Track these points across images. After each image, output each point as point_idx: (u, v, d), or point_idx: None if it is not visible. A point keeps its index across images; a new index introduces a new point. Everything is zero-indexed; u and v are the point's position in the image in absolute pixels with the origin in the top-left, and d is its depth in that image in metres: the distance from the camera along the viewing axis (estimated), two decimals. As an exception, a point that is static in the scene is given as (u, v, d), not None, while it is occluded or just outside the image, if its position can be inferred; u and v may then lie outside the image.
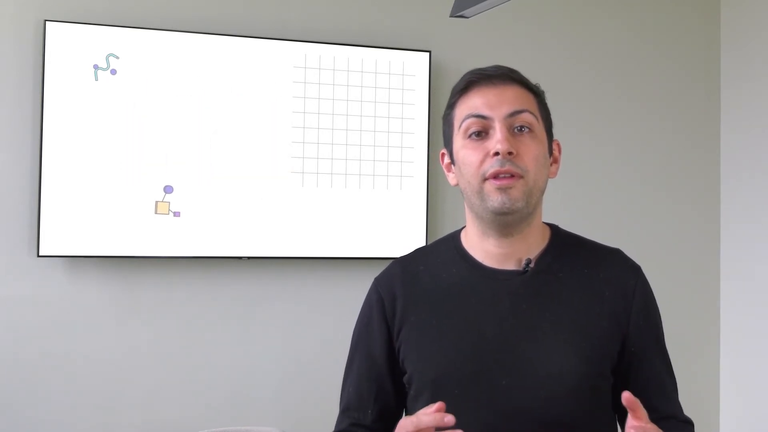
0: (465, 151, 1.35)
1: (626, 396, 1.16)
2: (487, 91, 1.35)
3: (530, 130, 1.34)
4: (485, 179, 1.32)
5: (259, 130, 2.97)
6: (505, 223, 1.35)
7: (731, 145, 3.54)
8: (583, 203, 3.38)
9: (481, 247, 1.40)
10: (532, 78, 1.44)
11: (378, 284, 1.47)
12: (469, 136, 1.35)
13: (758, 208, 3.39)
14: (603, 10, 3.50)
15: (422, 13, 3.24)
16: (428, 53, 3.15)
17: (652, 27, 3.55)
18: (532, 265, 1.37)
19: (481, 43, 3.27)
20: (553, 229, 1.45)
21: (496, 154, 1.31)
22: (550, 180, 1.43)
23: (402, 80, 3.13)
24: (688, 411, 1.44)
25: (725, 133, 3.57)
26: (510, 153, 1.30)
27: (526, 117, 1.34)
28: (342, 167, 3.06)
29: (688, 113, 3.57)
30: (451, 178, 1.43)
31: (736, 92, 3.53)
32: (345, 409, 1.46)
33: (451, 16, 1.81)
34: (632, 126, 3.50)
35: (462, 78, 1.40)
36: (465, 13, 1.78)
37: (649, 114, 3.52)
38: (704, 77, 3.59)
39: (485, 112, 1.33)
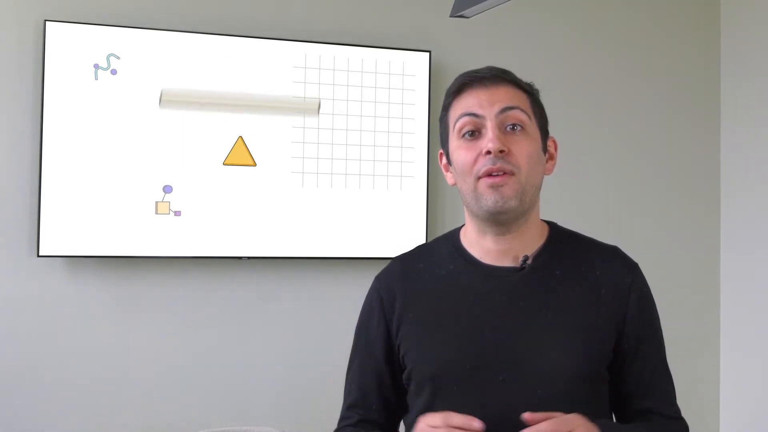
0: (459, 151, 1.38)
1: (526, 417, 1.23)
2: (479, 92, 1.37)
3: (522, 128, 1.36)
4: (479, 178, 1.34)
5: (259, 129, 2.97)
6: (501, 221, 1.36)
7: (731, 145, 3.54)
8: (583, 203, 3.38)
9: (479, 244, 1.41)
10: (533, 77, 1.45)
11: (378, 282, 1.49)
12: (463, 136, 1.37)
13: (758, 208, 3.39)
14: (603, 10, 3.50)
15: (422, 13, 3.23)
16: (428, 53, 3.15)
17: (652, 27, 3.55)
18: (529, 261, 1.38)
19: (481, 43, 3.27)
20: (551, 226, 1.46)
21: (488, 152, 1.32)
22: (550, 178, 1.44)
23: (402, 80, 3.13)
24: (688, 411, 1.44)
25: (725, 132, 3.57)
26: (502, 151, 1.32)
27: (518, 114, 1.36)
28: (342, 167, 3.06)
29: (688, 113, 3.57)
30: (449, 177, 1.45)
31: (736, 92, 3.53)
32: (350, 406, 1.48)
33: (451, 16, 1.81)
34: (632, 126, 3.50)
35: (455, 80, 1.42)
36: (465, 13, 1.78)
37: (649, 114, 3.52)
38: (704, 77, 3.59)
39: (477, 110, 1.36)
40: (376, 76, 3.10)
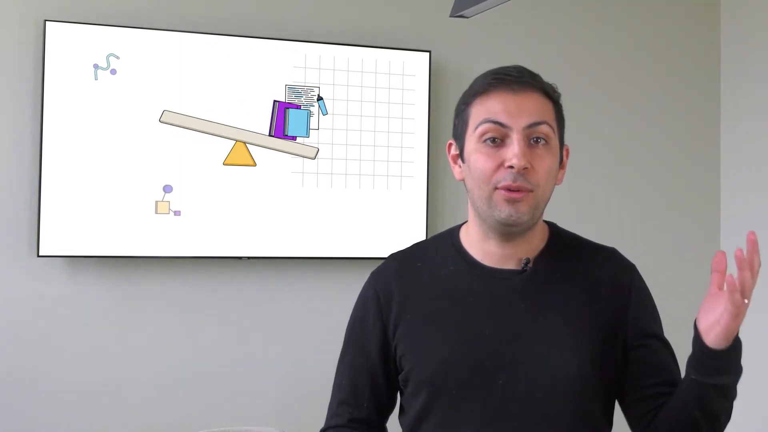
0: (478, 155, 1.34)
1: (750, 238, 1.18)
2: (507, 98, 1.33)
3: (546, 142, 1.34)
4: (496, 188, 1.32)
5: (259, 130, 2.97)
6: (509, 231, 1.35)
7: (731, 145, 3.54)
8: (582, 203, 3.38)
9: (482, 246, 1.40)
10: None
11: (374, 280, 1.47)
12: (484, 141, 1.33)
13: (758, 208, 3.38)
14: (602, 10, 3.50)
15: (422, 13, 3.23)
16: (428, 53, 3.15)
17: (652, 27, 3.55)
18: (530, 264, 1.37)
19: (481, 43, 3.27)
20: (552, 228, 1.45)
21: (511, 167, 1.30)
22: None
23: (402, 80, 3.12)
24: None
25: (725, 133, 3.57)
26: (525, 168, 1.30)
27: (544, 129, 1.33)
28: (342, 167, 3.06)
29: (688, 113, 3.57)
30: (457, 172, 1.42)
31: (736, 92, 3.53)
32: (340, 403, 1.46)
33: (451, 16, 1.81)
34: (632, 126, 3.50)
35: (481, 78, 1.37)
36: (465, 13, 1.78)
37: (649, 114, 3.52)
38: (704, 77, 3.59)
39: (504, 120, 1.32)
40: (376, 76, 3.10)
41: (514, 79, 1.34)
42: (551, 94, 1.37)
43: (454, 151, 1.42)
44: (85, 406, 2.86)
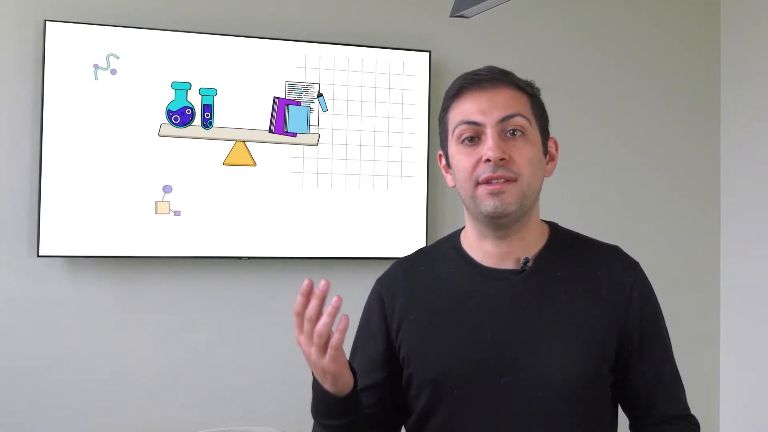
0: (458, 156, 1.36)
1: None
2: (479, 96, 1.35)
3: (522, 133, 1.35)
4: (478, 184, 1.33)
5: (259, 127, 2.97)
6: (500, 224, 1.36)
7: (731, 145, 3.54)
8: (583, 203, 3.38)
9: (480, 247, 1.40)
10: (533, 77, 1.44)
11: (379, 284, 1.49)
12: (462, 141, 1.36)
13: (758, 209, 3.38)
14: (603, 10, 3.50)
15: (422, 13, 3.24)
16: (428, 53, 3.15)
17: (652, 27, 3.55)
18: (530, 264, 1.38)
19: (481, 43, 3.27)
20: (552, 227, 1.46)
21: (488, 160, 1.31)
22: (550, 178, 1.43)
23: (402, 80, 3.12)
24: (688, 411, 1.44)
25: (725, 133, 3.57)
26: (502, 159, 1.31)
27: (518, 121, 1.34)
28: (342, 167, 3.06)
29: (688, 113, 3.57)
30: (449, 179, 1.44)
31: (736, 92, 3.53)
32: None
33: (451, 16, 1.81)
34: (632, 126, 3.50)
35: (454, 82, 1.40)
36: (465, 13, 1.78)
37: (649, 114, 3.52)
38: (704, 77, 3.59)
39: (477, 118, 1.34)
40: (376, 76, 3.10)
41: (484, 78, 1.37)
42: (525, 88, 1.39)
43: (443, 161, 1.44)
44: (85, 406, 2.86)
